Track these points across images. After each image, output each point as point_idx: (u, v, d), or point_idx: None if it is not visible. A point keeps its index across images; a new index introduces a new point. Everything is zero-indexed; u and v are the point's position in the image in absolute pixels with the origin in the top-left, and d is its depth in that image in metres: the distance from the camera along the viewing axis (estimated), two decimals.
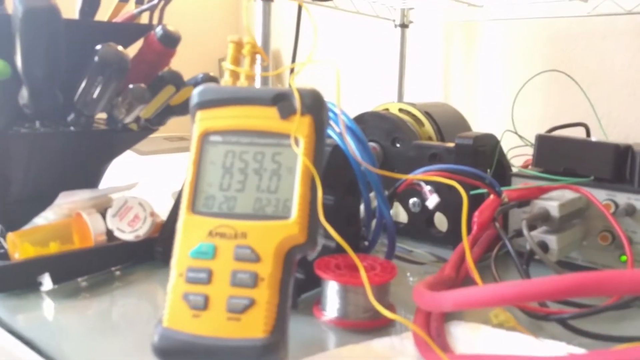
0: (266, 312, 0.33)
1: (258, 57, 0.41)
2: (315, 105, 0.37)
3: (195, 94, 0.39)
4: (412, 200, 0.62)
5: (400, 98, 1.02)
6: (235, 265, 0.34)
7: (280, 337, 0.33)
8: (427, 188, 0.47)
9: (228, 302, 0.33)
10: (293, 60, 0.53)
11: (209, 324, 0.33)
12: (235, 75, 0.40)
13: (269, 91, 0.37)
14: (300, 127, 0.36)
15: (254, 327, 0.33)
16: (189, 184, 0.37)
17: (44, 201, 0.53)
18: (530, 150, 0.59)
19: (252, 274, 0.34)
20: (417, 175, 0.45)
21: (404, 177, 0.44)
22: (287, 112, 0.37)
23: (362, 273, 0.35)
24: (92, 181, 0.62)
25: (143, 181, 0.62)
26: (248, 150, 0.37)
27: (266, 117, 0.37)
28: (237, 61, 0.40)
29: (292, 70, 0.40)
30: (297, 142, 0.36)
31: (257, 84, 0.41)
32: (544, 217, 0.47)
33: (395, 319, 0.31)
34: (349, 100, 1.01)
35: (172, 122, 0.63)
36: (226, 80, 0.40)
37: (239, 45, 0.40)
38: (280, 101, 0.37)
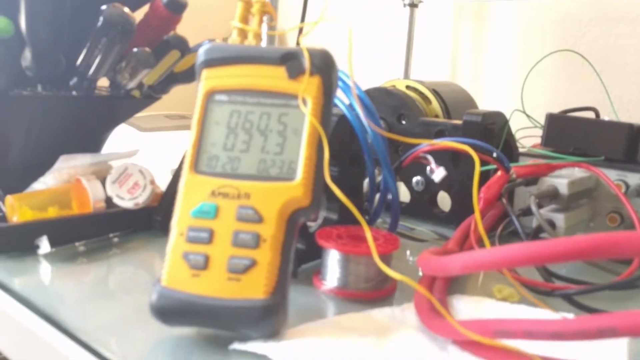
0: (267, 273, 0.32)
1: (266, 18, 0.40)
2: (324, 66, 0.36)
3: (202, 52, 0.38)
4: (415, 179, 0.61)
5: (406, 77, 1.00)
6: (237, 225, 0.34)
7: (281, 299, 0.32)
8: (433, 162, 0.46)
9: (229, 262, 0.33)
10: (302, 20, 0.52)
11: (208, 284, 0.32)
12: (243, 34, 0.39)
13: (278, 50, 0.36)
14: (308, 87, 0.36)
15: (254, 288, 0.32)
16: (192, 144, 0.36)
17: (44, 169, 0.53)
18: (538, 132, 0.58)
19: (254, 235, 0.33)
20: (428, 145, 0.44)
21: (417, 141, 0.43)
22: (295, 72, 0.36)
23: (369, 235, 0.34)
24: (92, 149, 0.61)
25: (143, 157, 0.61)
26: (254, 111, 0.36)
27: (274, 77, 0.36)
28: (245, 20, 0.39)
29: (301, 30, 0.39)
30: (304, 102, 0.36)
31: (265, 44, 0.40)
32: (553, 195, 0.47)
33: (401, 279, 0.30)
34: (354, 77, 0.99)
35: (174, 101, 0.61)
36: (234, 39, 0.39)
37: (247, 4, 0.39)
38: (289, 60, 0.36)
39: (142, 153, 0.60)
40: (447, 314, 0.27)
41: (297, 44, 0.35)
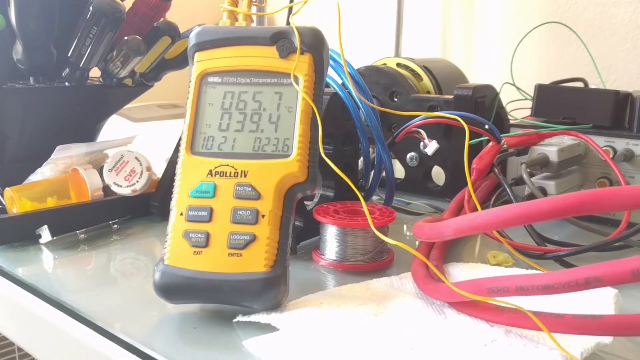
0: (267, 247, 0.33)
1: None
2: (315, 44, 0.37)
3: (193, 35, 0.38)
4: (409, 155, 0.62)
5: (397, 55, 1.01)
6: (235, 202, 0.34)
7: (282, 272, 0.33)
8: (426, 135, 0.46)
9: (229, 239, 0.33)
10: (291, 0, 0.52)
11: (210, 260, 0.33)
12: (233, 17, 0.39)
13: (268, 30, 0.37)
14: (299, 65, 0.36)
15: (255, 262, 0.33)
16: (187, 126, 0.37)
17: (40, 160, 0.53)
18: (528, 105, 0.59)
19: (252, 211, 0.34)
20: (420, 118, 0.45)
21: (409, 114, 0.44)
22: (286, 50, 0.37)
23: (365, 207, 0.35)
24: (87, 140, 0.62)
25: (137, 147, 0.62)
26: (247, 90, 0.37)
27: (265, 57, 0.37)
28: (235, 2, 0.39)
29: (290, 10, 0.39)
30: (296, 80, 0.36)
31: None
32: (543, 162, 0.47)
33: (397, 244, 0.31)
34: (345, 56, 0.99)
35: (166, 90, 0.61)
36: (224, 21, 0.39)
37: None
38: (280, 40, 0.37)
39: (136, 143, 0.61)
40: (442, 276, 0.28)
41: (287, 23, 0.36)
